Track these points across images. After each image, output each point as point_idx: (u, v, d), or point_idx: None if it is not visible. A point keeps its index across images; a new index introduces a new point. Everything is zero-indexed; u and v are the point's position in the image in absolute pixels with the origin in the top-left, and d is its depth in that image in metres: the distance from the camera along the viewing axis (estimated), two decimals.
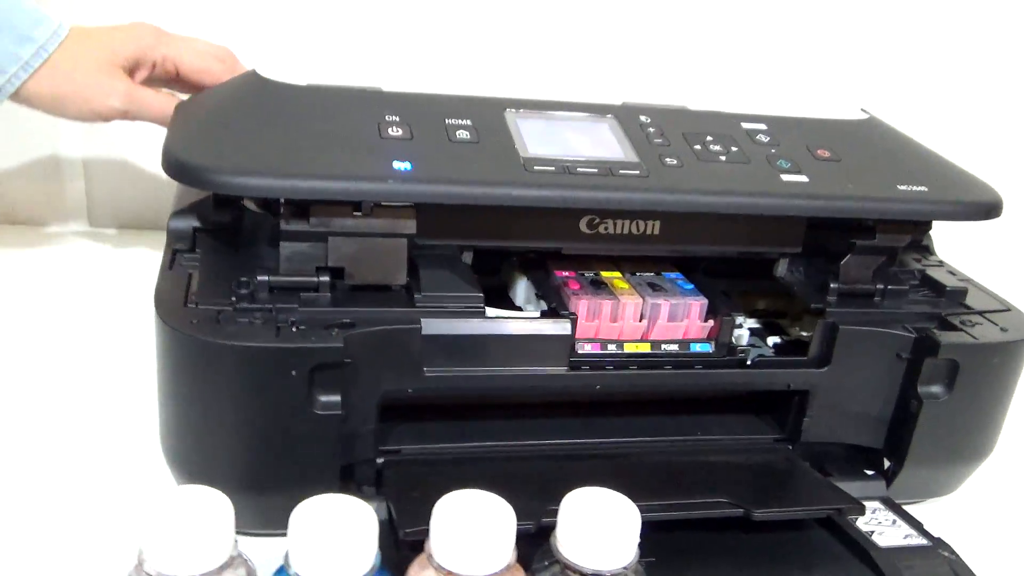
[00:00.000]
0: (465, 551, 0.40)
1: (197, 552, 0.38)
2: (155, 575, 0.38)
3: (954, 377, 0.58)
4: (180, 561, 0.38)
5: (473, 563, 0.40)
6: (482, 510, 0.41)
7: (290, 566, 0.39)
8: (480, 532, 0.40)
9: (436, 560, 0.40)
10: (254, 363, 0.49)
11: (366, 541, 0.39)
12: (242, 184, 0.51)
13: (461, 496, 0.41)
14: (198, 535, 0.38)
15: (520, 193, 0.53)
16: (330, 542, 0.38)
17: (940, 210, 0.60)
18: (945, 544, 0.56)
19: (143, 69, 0.73)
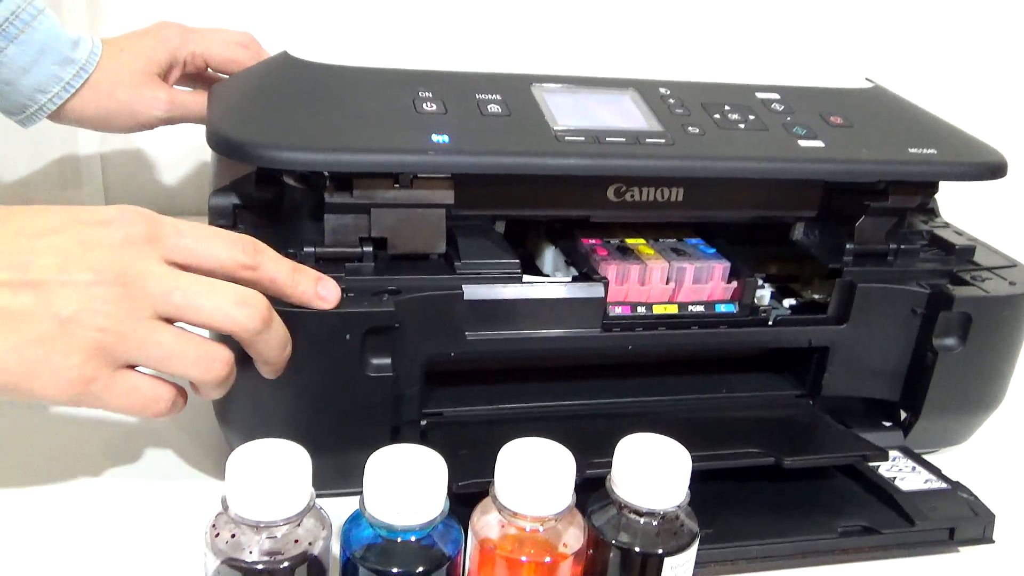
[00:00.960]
0: (528, 494, 0.42)
1: (278, 500, 0.40)
2: (238, 521, 0.40)
3: (967, 330, 0.61)
4: (262, 508, 0.40)
5: (536, 505, 0.42)
6: (544, 455, 0.43)
7: (367, 510, 0.41)
8: (543, 475, 0.42)
9: (501, 502, 0.43)
10: (310, 328, 0.51)
11: (438, 485, 0.41)
12: (291, 158, 0.53)
13: (524, 443, 0.44)
14: (279, 484, 0.40)
15: (553, 163, 0.56)
16: (404, 487, 0.41)
17: (949, 171, 0.62)
18: (963, 487, 0.59)
19: (176, 69, 0.74)
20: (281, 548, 0.41)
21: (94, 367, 0.45)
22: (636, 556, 0.44)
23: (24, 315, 0.44)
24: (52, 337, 0.44)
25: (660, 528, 0.44)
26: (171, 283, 0.46)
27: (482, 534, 0.44)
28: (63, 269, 0.44)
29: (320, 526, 0.43)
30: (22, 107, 0.68)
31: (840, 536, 0.55)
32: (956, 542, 0.57)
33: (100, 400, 0.46)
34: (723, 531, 0.53)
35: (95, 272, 0.45)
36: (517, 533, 0.43)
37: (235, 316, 0.46)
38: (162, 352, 0.46)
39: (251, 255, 0.48)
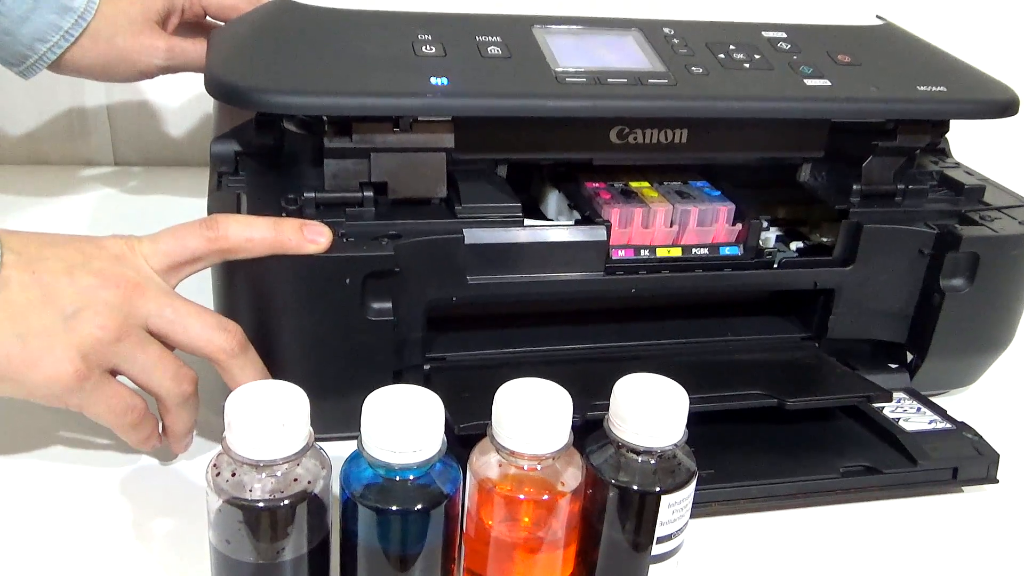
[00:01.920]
0: (525, 433, 0.43)
1: (276, 439, 0.41)
2: (238, 460, 0.41)
3: (975, 270, 0.61)
4: (261, 447, 0.41)
5: (533, 444, 0.43)
6: (540, 395, 0.44)
7: (364, 449, 0.42)
8: (539, 415, 0.43)
9: (498, 441, 0.43)
10: (311, 273, 0.52)
11: (435, 424, 0.42)
12: (288, 102, 0.53)
13: (521, 383, 0.44)
14: (277, 423, 0.41)
15: (554, 104, 0.56)
16: (401, 427, 0.41)
17: (959, 109, 0.62)
18: (969, 427, 0.59)
19: (174, 17, 0.73)
20: (281, 487, 0.42)
21: (88, 365, 0.47)
22: (634, 494, 0.44)
23: (31, 309, 0.47)
24: (56, 331, 0.47)
25: (657, 466, 0.45)
26: (166, 300, 0.50)
27: (481, 474, 0.44)
28: (69, 273, 0.48)
29: (320, 466, 0.43)
30: (22, 57, 0.68)
31: (842, 476, 0.55)
32: (959, 482, 0.57)
33: (87, 400, 0.48)
34: (724, 471, 0.54)
35: (98, 277, 0.48)
36: (515, 472, 0.44)
37: (216, 339, 0.50)
38: (149, 361, 0.49)
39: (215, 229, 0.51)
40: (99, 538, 0.50)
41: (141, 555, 0.49)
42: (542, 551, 0.45)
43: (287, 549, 0.43)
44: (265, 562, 0.42)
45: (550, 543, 0.45)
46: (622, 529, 0.45)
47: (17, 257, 0.47)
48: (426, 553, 0.43)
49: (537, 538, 0.45)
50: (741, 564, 0.52)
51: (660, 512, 0.44)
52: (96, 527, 0.50)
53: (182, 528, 0.50)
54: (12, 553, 0.49)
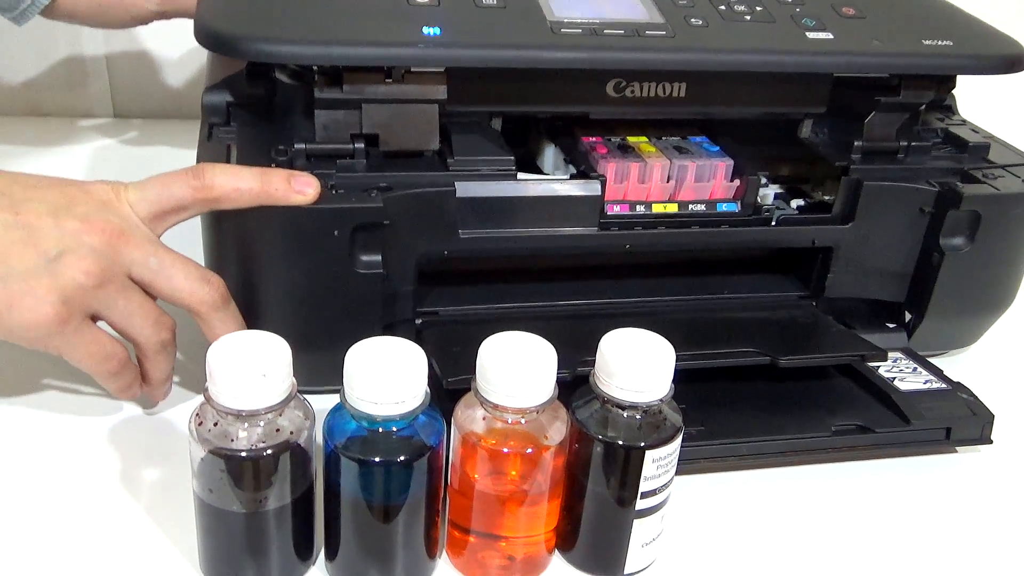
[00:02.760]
0: (509, 386, 0.43)
1: (258, 389, 0.41)
2: (221, 411, 0.41)
3: (976, 228, 0.60)
4: (243, 398, 0.41)
5: (517, 397, 0.43)
6: (524, 347, 0.44)
7: (346, 400, 0.42)
8: (523, 368, 0.43)
9: (483, 395, 0.43)
10: (298, 225, 0.51)
11: (417, 376, 0.42)
12: (277, 51, 0.52)
13: (506, 336, 0.44)
14: (259, 373, 0.41)
15: (548, 55, 0.55)
16: (384, 379, 0.41)
17: (964, 64, 0.61)
18: (964, 387, 0.59)
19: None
20: (264, 437, 0.42)
21: (69, 309, 0.47)
22: (619, 449, 0.44)
23: (13, 250, 0.47)
24: (38, 273, 0.47)
25: (643, 421, 0.45)
26: (150, 249, 0.50)
27: (465, 427, 0.44)
28: (54, 216, 0.48)
29: (304, 416, 0.44)
30: (13, 3, 0.68)
31: (834, 435, 0.55)
32: (953, 442, 0.57)
33: (67, 343, 0.48)
34: (714, 429, 0.54)
35: (83, 222, 0.48)
36: (500, 426, 0.44)
37: (198, 291, 0.50)
38: (129, 307, 0.49)
39: (201, 177, 0.51)
40: (86, 487, 0.50)
41: (128, 504, 0.50)
42: (526, 504, 0.45)
43: (270, 499, 0.43)
44: (248, 511, 0.43)
45: (534, 496, 0.45)
46: (607, 484, 0.45)
47: (1, 197, 0.47)
48: (409, 505, 0.44)
49: (521, 491, 0.45)
50: (729, 522, 0.52)
51: (645, 467, 0.45)
52: (83, 476, 0.51)
53: (168, 477, 0.51)
54: (1, 502, 0.49)
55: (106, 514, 0.49)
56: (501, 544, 0.46)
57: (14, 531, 0.47)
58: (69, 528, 0.48)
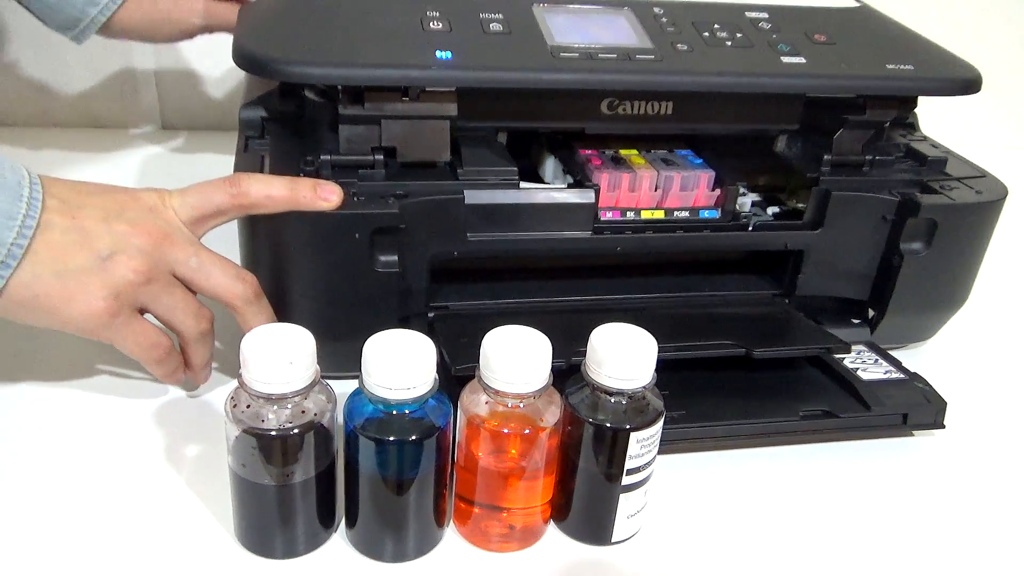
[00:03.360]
0: (509, 374, 0.43)
1: (286, 375, 0.42)
2: (256, 393, 0.42)
3: (932, 235, 0.60)
4: (272, 383, 0.42)
5: (516, 384, 0.44)
6: (522, 340, 0.44)
7: (364, 386, 0.43)
8: (521, 358, 0.43)
9: (486, 382, 0.44)
10: (324, 228, 0.52)
11: (427, 364, 0.43)
12: (306, 73, 0.53)
13: (506, 329, 0.45)
14: (286, 361, 0.42)
15: (547, 77, 0.55)
16: (397, 367, 0.42)
17: (924, 86, 0.61)
18: (920, 377, 0.59)
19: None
20: (291, 418, 0.43)
21: (119, 303, 0.48)
22: (607, 431, 0.45)
23: (70, 250, 0.47)
24: (92, 271, 0.47)
25: (628, 406, 0.45)
26: (191, 249, 0.51)
27: (470, 411, 0.45)
28: (106, 220, 0.49)
29: (327, 400, 0.45)
30: (75, 21, 0.69)
31: (801, 419, 0.55)
32: (909, 426, 0.57)
33: (117, 334, 0.49)
34: (695, 413, 0.55)
35: (132, 226, 0.49)
36: (501, 410, 0.45)
37: (234, 287, 0.51)
38: (173, 301, 0.50)
39: (237, 185, 0.52)
40: (135, 461, 0.51)
41: (171, 476, 0.50)
42: (524, 479, 0.46)
43: (296, 473, 0.44)
44: (277, 484, 0.44)
45: (531, 472, 0.46)
46: (596, 462, 0.46)
47: (60, 203, 0.48)
48: (420, 479, 0.44)
49: (520, 468, 0.46)
50: (707, 496, 0.53)
51: (630, 447, 0.45)
52: (132, 451, 0.52)
53: (206, 453, 0.52)
54: (60, 474, 0.50)
55: (154, 485, 0.50)
56: (502, 515, 0.47)
57: (72, 499, 0.49)
58: (120, 498, 0.49)
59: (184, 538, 0.47)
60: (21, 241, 0.46)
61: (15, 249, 0.45)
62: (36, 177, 0.48)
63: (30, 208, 0.46)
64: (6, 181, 0.46)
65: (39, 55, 0.91)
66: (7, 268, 0.45)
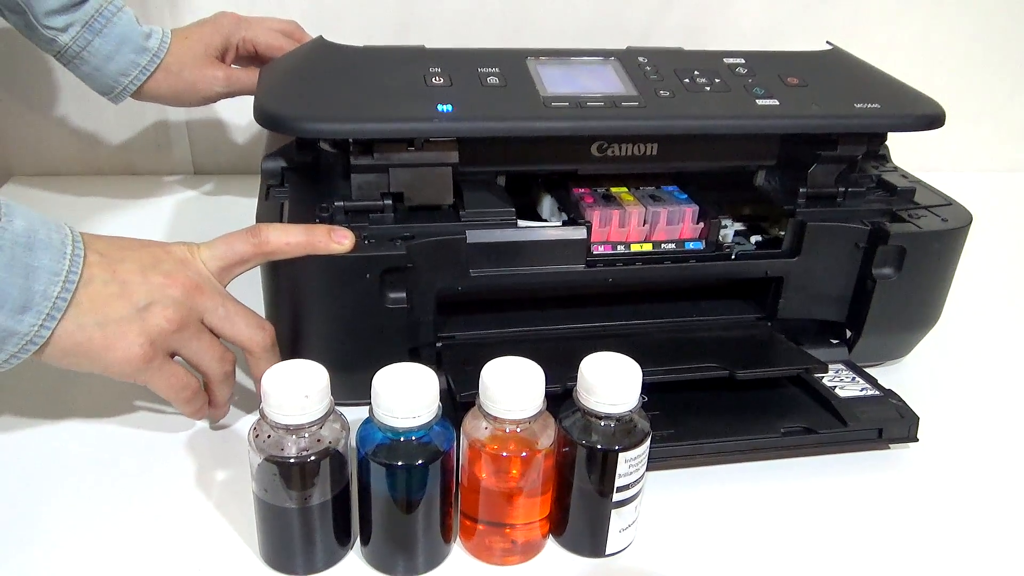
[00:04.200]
0: (506, 402, 0.45)
1: (303, 408, 0.43)
2: (275, 424, 0.44)
3: (902, 260, 0.61)
4: (290, 414, 0.43)
5: (513, 411, 0.45)
6: (518, 370, 0.46)
7: (374, 416, 0.44)
8: (517, 387, 0.45)
9: (485, 409, 0.45)
10: (338, 269, 0.54)
11: (430, 395, 0.44)
12: (319, 128, 0.55)
13: (503, 360, 0.46)
14: (302, 395, 0.43)
15: (540, 125, 0.57)
16: (403, 395, 0.43)
17: (890, 123, 0.62)
18: (894, 394, 0.60)
19: (230, 52, 0.76)
20: (308, 445, 0.44)
21: (155, 349, 0.50)
22: (597, 452, 0.46)
23: (110, 302, 0.49)
24: (130, 320, 0.49)
25: (616, 429, 0.46)
26: (220, 300, 0.53)
27: (472, 435, 0.46)
28: (143, 273, 0.50)
29: (341, 428, 0.46)
30: (110, 88, 0.72)
31: (782, 435, 0.56)
32: (884, 440, 0.58)
33: (152, 377, 0.51)
34: (683, 432, 0.56)
35: (167, 278, 0.51)
36: (499, 434, 0.46)
37: (255, 335, 0.53)
38: (201, 346, 0.52)
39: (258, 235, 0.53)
40: (169, 486, 0.53)
41: (202, 500, 0.52)
42: (523, 497, 0.47)
43: (314, 496, 0.45)
44: (297, 506, 0.45)
45: (529, 491, 0.47)
46: (589, 480, 0.47)
47: (100, 258, 0.50)
48: (427, 499, 0.46)
49: (518, 487, 0.47)
50: (696, 509, 0.53)
51: (619, 466, 0.46)
52: (167, 478, 0.54)
53: (234, 478, 0.53)
54: (99, 498, 0.52)
55: (187, 508, 0.51)
56: (504, 531, 0.48)
57: (112, 522, 0.50)
58: (155, 520, 0.50)
59: (213, 557, 0.48)
60: (65, 295, 0.47)
61: (59, 302, 0.47)
62: (78, 235, 0.50)
63: (72, 264, 0.48)
64: (52, 241, 0.47)
65: (84, 111, 0.94)
66: (53, 320, 0.47)
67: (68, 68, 0.72)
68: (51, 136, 0.95)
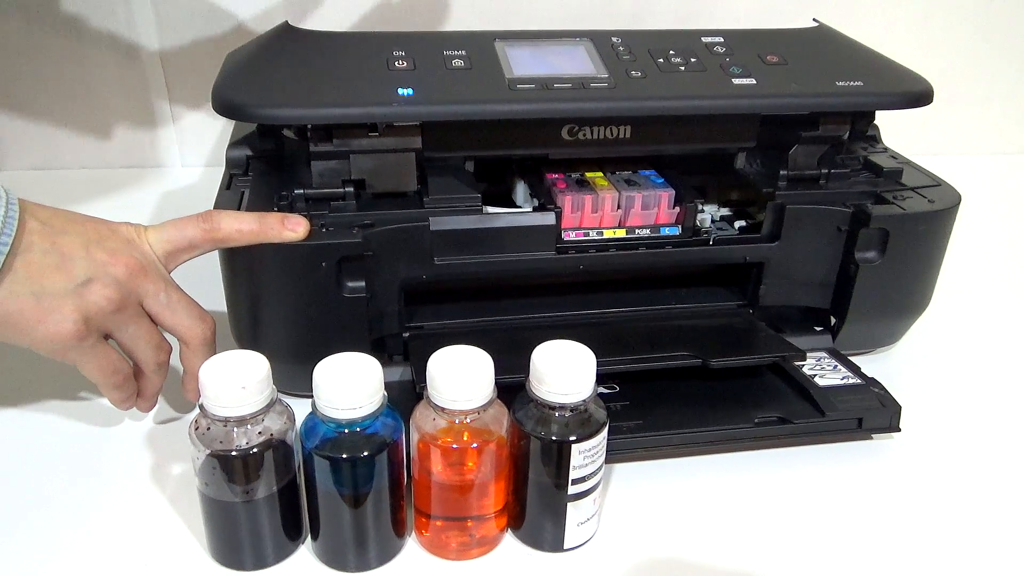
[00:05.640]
0: (452, 392, 0.43)
1: (241, 399, 0.42)
2: (214, 417, 0.43)
3: (885, 243, 0.59)
4: (227, 406, 0.42)
5: (458, 400, 0.43)
6: (465, 359, 0.44)
7: (316, 408, 0.43)
8: (463, 377, 0.43)
9: (432, 400, 0.44)
10: (293, 258, 0.53)
11: (373, 384, 0.43)
12: (274, 114, 0.54)
13: (450, 350, 0.45)
14: (240, 386, 0.42)
15: (503, 108, 0.55)
16: (344, 386, 0.42)
17: (872, 101, 0.60)
18: (876, 382, 0.58)
19: None
20: (249, 437, 0.43)
21: (88, 328, 0.48)
22: (551, 443, 0.45)
23: (48, 273, 0.47)
24: (66, 294, 0.47)
25: (570, 419, 0.45)
26: (162, 285, 0.51)
27: (421, 428, 0.45)
28: (85, 248, 0.48)
29: (285, 419, 0.45)
30: None
31: (755, 425, 0.54)
32: (864, 430, 0.56)
33: (82, 357, 0.49)
34: (653, 422, 0.54)
35: (110, 256, 0.49)
36: (448, 426, 0.45)
37: (195, 327, 0.52)
38: (138, 331, 0.50)
39: (209, 221, 0.52)
40: (126, 479, 0.52)
41: (157, 494, 0.51)
42: (475, 490, 0.46)
43: (259, 489, 0.44)
44: (241, 500, 0.44)
45: (481, 483, 0.46)
46: (544, 472, 0.46)
47: (42, 226, 0.48)
48: (375, 492, 0.45)
49: (470, 480, 0.45)
50: (663, 503, 0.52)
51: (573, 458, 0.45)
52: (120, 472, 0.53)
53: (188, 472, 0.52)
54: (50, 493, 0.51)
55: (143, 500, 0.51)
56: (459, 525, 0.47)
57: (65, 511, 0.50)
58: (107, 512, 0.50)
59: (162, 553, 0.47)
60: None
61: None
62: (15, 198, 0.47)
63: (5, 226, 0.45)
64: None
65: (73, 106, 0.94)
66: None
67: None
68: (41, 131, 0.95)
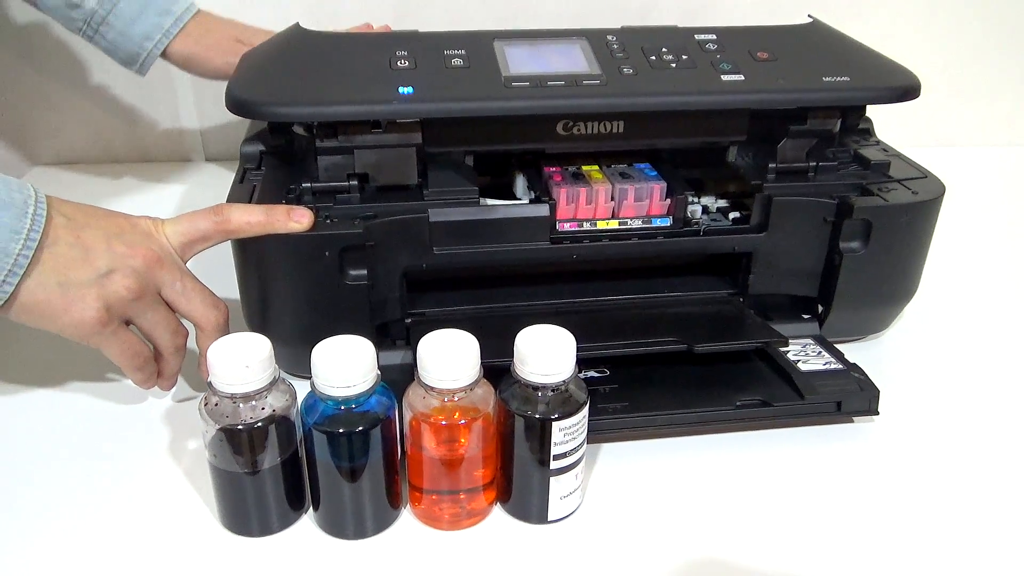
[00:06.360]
0: (441, 372, 0.47)
1: (246, 377, 0.46)
2: (222, 394, 0.46)
3: (868, 234, 0.61)
4: (233, 384, 0.46)
5: (444, 379, 0.47)
6: (452, 341, 0.47)
7: (315, 386, 0.47)
8: (451, 357, 0.47)
9: (422, 379, 0.47)
10: (298, 248, 0.56)
11: (366, 364, 0.46)
12: (283, 112, 0.57)
13: (438, 333, 0.48)
14: (246, 365, 0.46)
15: (498, 105, 0.58)
16: (339, 366, 0.46)
17: (859, 95, 0.61)
18: (858, 368, 0.60)
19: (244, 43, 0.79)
20: (254, 413, 0.47)
21: (110, 315, 0.52)
22: (534, 421, 0.48)
23: (73, 264, 0.52)
24: (90, 284, 0.52)
25: (551, 399, 0.48)
26: (178, 275, 0.55)
27: (413, 406, 0.48)
28: (107, 241, 0.53)
29: (288, 396, 0.48)
30: (135, 56, 0.76)
31: (737, 408, 0.57)
32: (843, 413, 0.58)
33: (105, 342, 0.53)
34: (637, 404, 0.57)
35: (130, 248, 0.53)
36: (438, 404, 0.48)
37: (209, 313, 0.56)
38: (156, 318, 0.54)
39: (220, 214, 0.56)
40: (146, 453, 0.56)
41: (172, 466, 0.55)
42: (464, 463, 0.49)
43: (264, 460, 0.48)
44: (246, 471, 0.48)
45: (471, 457, 0.49)
46: (528, 448, 0.49)
47: (67, 221, 0.52)
48: (371, 465, 0.48)
49: (459, 454, 0.49)
50: (646, 481, 0.54)
51: (554, 435, 0.48)
52: (141, 445, 0.57)
53: (203, 446, 0.56)
54: (85, 462, 0.55)
55: (162, 471, 0.55)
56: (449, 498, 0.50)
57: (87, 485, 0.54)
58: (127, 484, 0.54)
59: (177, 519, 0.51)
60: (27, 252, 0.50)
61: (21, 259, 0.49)
62: (43, 196, 0.51)
63: (34, 223, 0.50)
64: (13, 200, 0.50)
65: (100, 102, 0.99)
66: (15, 276, 0.49)
67: (93, 41, 0.75)
68: (69, 127, 1.00)
